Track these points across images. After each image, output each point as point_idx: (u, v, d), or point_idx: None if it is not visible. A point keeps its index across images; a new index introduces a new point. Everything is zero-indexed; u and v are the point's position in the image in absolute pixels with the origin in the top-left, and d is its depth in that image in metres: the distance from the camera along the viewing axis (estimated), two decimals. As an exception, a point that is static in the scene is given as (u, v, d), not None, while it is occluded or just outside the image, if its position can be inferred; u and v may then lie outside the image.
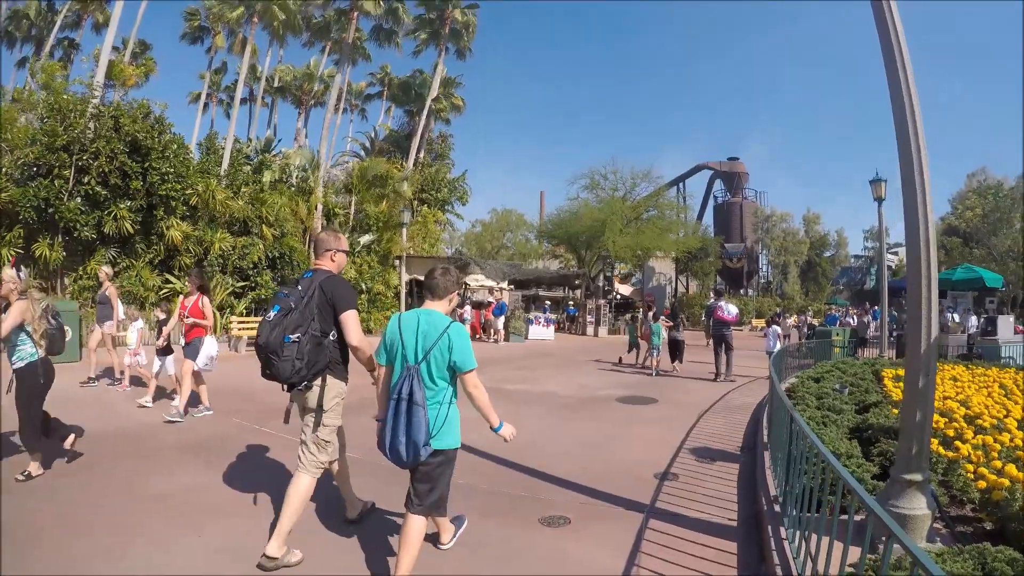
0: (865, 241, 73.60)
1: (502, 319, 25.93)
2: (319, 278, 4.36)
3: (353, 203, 29.02)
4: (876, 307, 27.71)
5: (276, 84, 43.60)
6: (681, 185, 57.72)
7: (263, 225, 22.28)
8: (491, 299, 28.48)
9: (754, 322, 44.39)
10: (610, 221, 34.71)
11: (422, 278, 4.59)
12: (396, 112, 44.61)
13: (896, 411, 8.13)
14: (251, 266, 21.34)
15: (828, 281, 61.47)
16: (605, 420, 9.87)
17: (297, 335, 4.11)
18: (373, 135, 42.60)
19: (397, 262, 28.02)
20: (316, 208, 25.91)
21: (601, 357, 20.33)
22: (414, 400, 3.64)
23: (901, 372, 11.65)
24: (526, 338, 26.98)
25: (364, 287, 25.29)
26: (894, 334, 19.33)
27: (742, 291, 55.60)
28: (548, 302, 37.09)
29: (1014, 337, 18.40)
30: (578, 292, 39.27)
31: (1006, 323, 18.71)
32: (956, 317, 18.36)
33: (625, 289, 51.06)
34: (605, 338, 31.99)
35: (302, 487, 4.32)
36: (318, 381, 4.32)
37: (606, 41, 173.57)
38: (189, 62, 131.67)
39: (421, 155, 38.70)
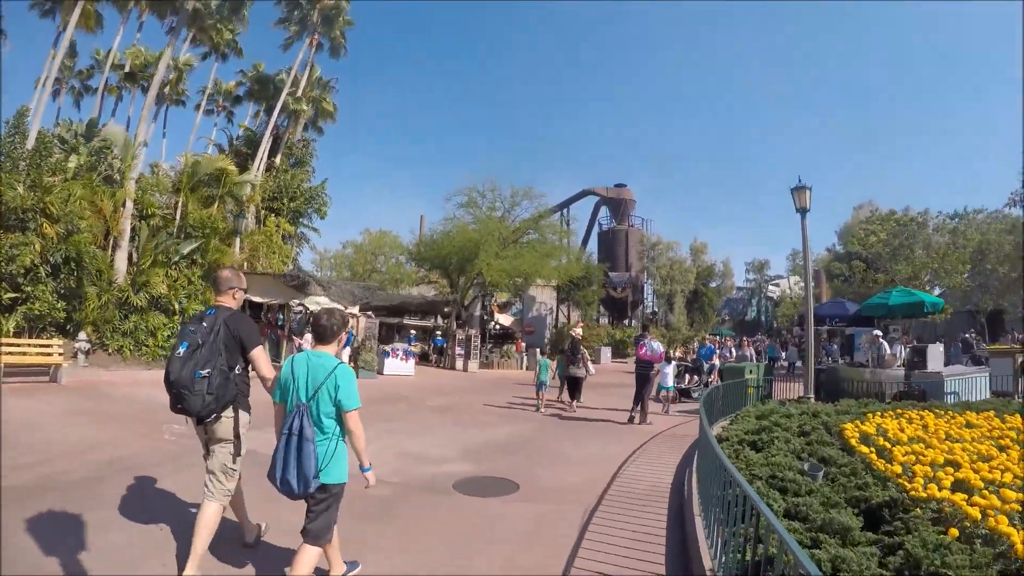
0: (747, 273, 75.71)
1: (347, 351, 22.08)
2: (223, 315, 4.79)
3: (180, 204, 24.52)
4: (760, 337, 26.01)
5: (127, 70, 38.75)
6: (565, 211, 56.02)
7: (44, 220, 17.73)
8: None
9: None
10: (485, 243, 32.09)
11: (261, 300, 3.43)
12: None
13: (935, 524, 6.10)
14: (21, 272, 16.80)
15: (714, 311, 61.17)
16: (420, 544, 5.94)
17: (207, 370, 4.53)
18: (232, 136, 38.47)
19: None
20: (124, 205, 21.40)
21: (464, 399, 17.51)
22: (304, 436, 4.07)
23: (868, 428, 9.43)
24: (379, 373, 23.62)
25: (176, 306, 21.11)
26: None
27: (626, 321, 54.23)
28: (413, 331, 33.68)
29: (958, 369, 16.53)
30: (451, 321, 35.96)
31: (936, 353, 16.83)
32: (901, 348, 16.26)
33: (505, 319, 48.61)
34: (475, 374, 28.83)
35: (210, 514, 4.68)
36: (228, 412, 4.78)
37: (499, 67, 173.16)
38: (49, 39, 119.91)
39: (277, 159, 34.86)
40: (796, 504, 6.10)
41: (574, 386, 16.47)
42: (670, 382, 16.84)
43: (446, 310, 36.43)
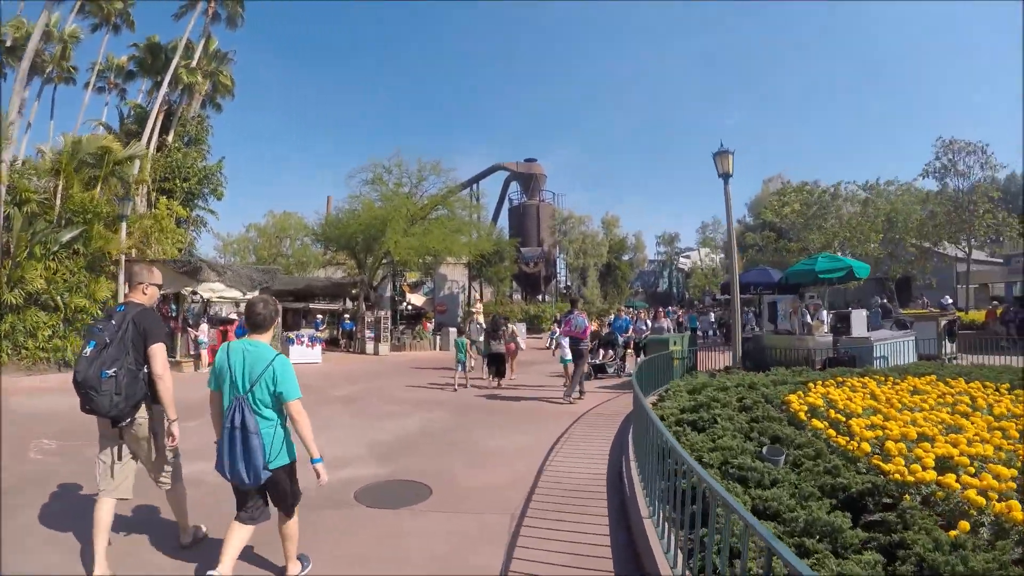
0: (658, 246, 76.55)
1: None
2: (132, 312, 4.66)
3: (60, 188, 21.78)
4: (673, 308, 25.53)
5: (8, 44, 34.60)
6: (475, 186, 54.56)
7: None
8: (234, 315, 22.78)
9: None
10: (392, 220, 30.28)
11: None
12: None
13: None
14: None
15: (627, 284, 61.18)
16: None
17: (114, 370, 4.40)
18: (123, 115, 35.14)
19: (116, 268, 21.41)
20: (-14, 189, 18.71)
21: (374, 386, 16.23)
22: (247, 428, 4.07)
23: (814, 399, 8.69)
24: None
25: (58, 301, 18.81)
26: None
27: (539, 296, 53.44)
28: (320, 316, 31.70)
29: (885, 334, 16.05)
30: (360, 303, 34.13)
31: (860, 318, 16.36)
32: (824, 315, 15.58)
33: (417, 299, 47.13)
34: (387, 357, 27.15)
35: (104, 513, 4.62)
36: (142, 413, 4.65)
37: (411, 44, 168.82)
38: None
39: (170, 137, 32.16)
40: (764, 499, 5.04)
41: (497, 363, 16.30)
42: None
43: (354, 292, 34.48)
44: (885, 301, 23.21)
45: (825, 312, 15.88)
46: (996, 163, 29.37)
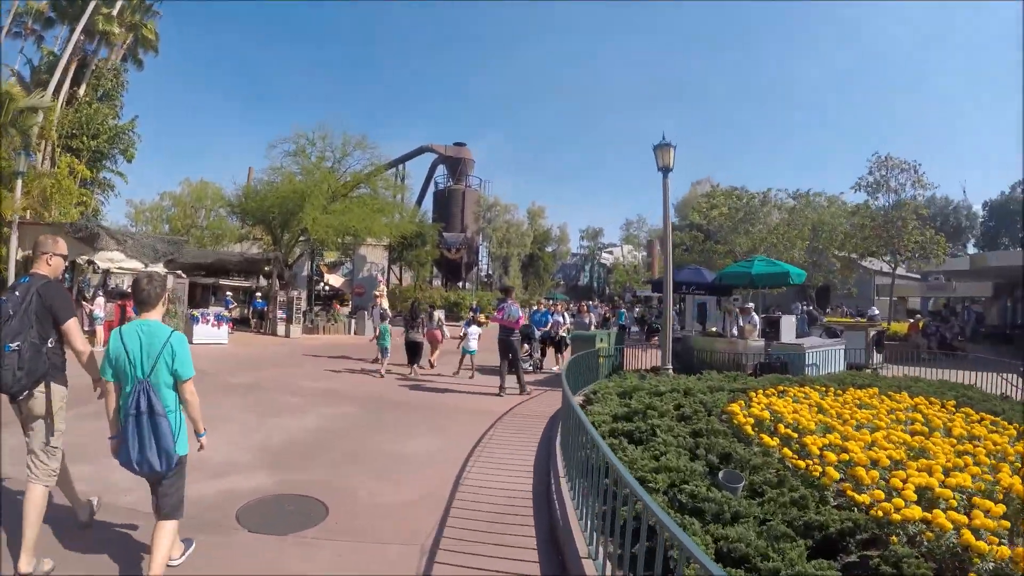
0: (581, 240, 76.64)
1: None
2: (36, 283, 4.43)
3: None
4: (595, 303, 24.86)
5: None
6: (401, 167, 52.94)
7: None
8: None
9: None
10: (312, 195, 28.64)
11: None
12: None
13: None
14: None
15: (549, 276, 60.69)
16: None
17: (17, 343, 4.22)
18: (36, 64, 32.18)
19: (8, 230, 19.32)
20: None
21: (278, 373, 14.89)
22: (155, 411, 3.91)
23: (759, 410, 8.09)
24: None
25: None
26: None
27: (460, 283, 52.37)
28: (230, 293, 29.81)
29: (816, 341, 15.60)
30: (274, 281, 32.28)
31: (789, 324, 15.93)
32: (756, 319, 14.99)
33: (336, 280, 45.54)
34: (298, 340, 25.42)
35: (37, 498, 4.33)
36: (40, 388, 4.41)
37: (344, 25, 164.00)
38: None
39: (82, 90, 29.63)
40: (727, 539, 4.15)
41: (414, 352, 15.71)
42: (474, 346, 15.92)
43: (267, 269, 32.60)
44: (811, 308, 23.09)
45: (756, 316, 15.31)
46: (927, 182, 29.86)
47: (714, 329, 17.39)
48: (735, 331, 15.49)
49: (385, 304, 17.82)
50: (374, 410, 10.70)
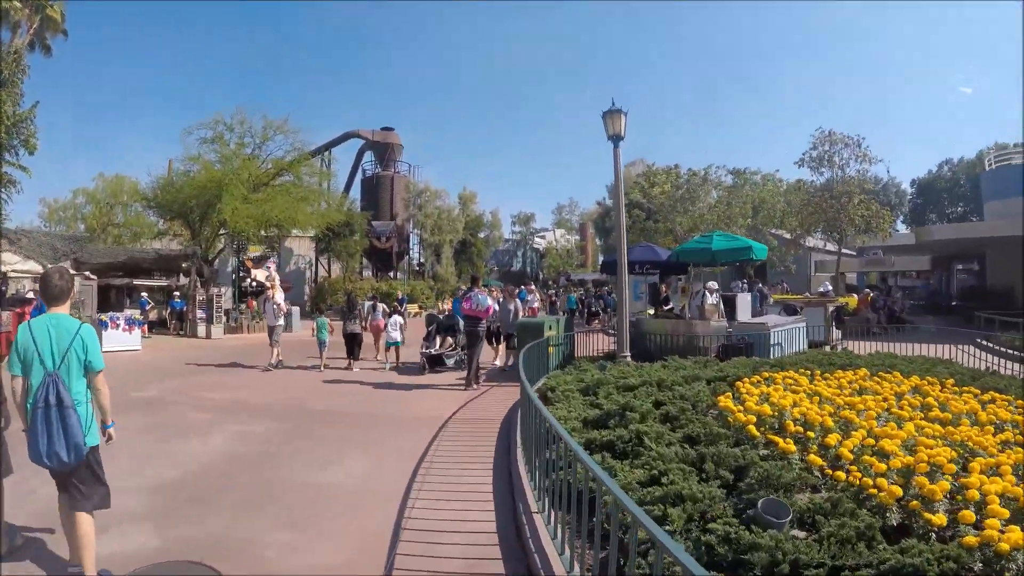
0: (513, 225, 75.47)
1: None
2: None
3: None
4: (523, 287, 23.70)
5: None
6: (327, 154, 50.55)
7: None
8: (31, 294, 18.25)
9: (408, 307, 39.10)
10: (230, 184, 26.53)
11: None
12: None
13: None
14: None
15: (483, 262, 59.20)
16: None
17: None
18: None
19: None
20: None
21: (187, 384, 12.96)
22: (63, 404, 3.84)
23: (755, 403, 7.01)
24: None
25: None
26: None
27: (391, 273, 50.46)
28: (145, 293, 27.31)
29: (778, 320, 14.57)
30: (192, 279, 29.91)
31: (745, 303, 14.92)
32: (711, 298, 13.77)
33: (263, 275, 43.17)
34: (220, 341, 23.22)
35: None
36: None
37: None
38: None
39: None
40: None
41: (352, 344, 15.47)
42: (397, 336, 15.35)
43: (184, 266, 30.23)
44: (761, 285, 22.22)
45: (718, 295, 14.14)
46: (872, 156, 29.24)
47: (669, 308, 16.20)
48: (689, 311, 14.44)
49: (280, 297, 16.00)
50: (294, 424, 9.05)
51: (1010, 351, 14.34)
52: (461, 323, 14.79)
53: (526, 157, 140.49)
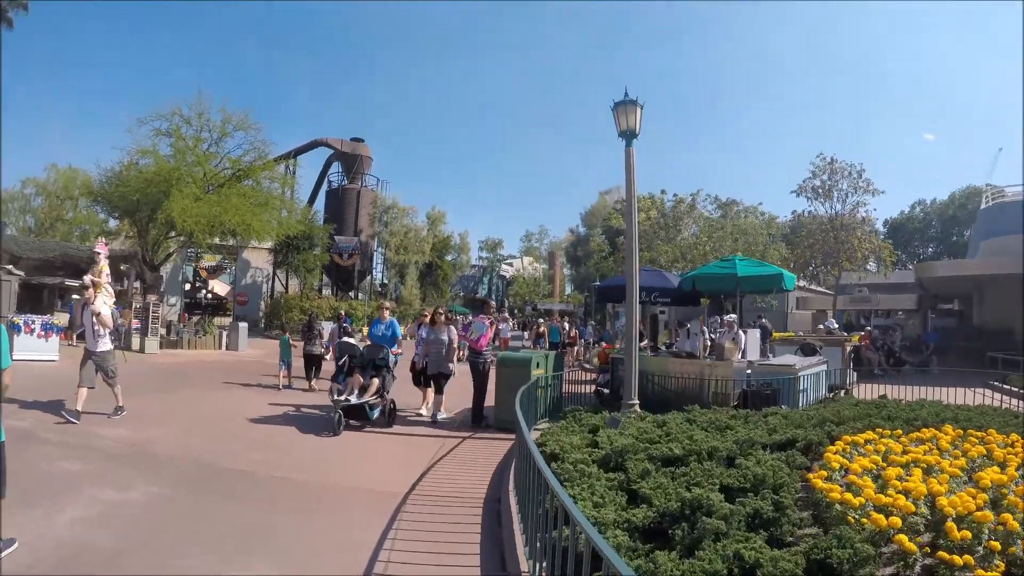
0: (480, 251, 73.51)
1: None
2: None
3: None
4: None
5: None
6: (293, 161, 47.67)
7: None
8: None
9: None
10: (180, 180, 24.09)
11: None
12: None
13: None
14: None
15: (448, 286, 56.65)
16: None
17: None
18: None
19: None
20: None
21: (93, 409, 9.74)
22: None
23: (871, 490, 4.96)
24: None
25: None
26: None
27: (352, 293, 47.62)
28: (76, 296, 24.23)
29: (805, 362, 12.29)
30: (129, 284, 26.98)
31: (754, 340, 12.79)
32: (742, 335, 11.57)
33: (221, 287, 41.14)
34: (154, 358, 19.79)
35: None
36: None
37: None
38: None
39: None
40: None
41: (311, 365, 14.99)
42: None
43: (123, 268, 27.28)
44: (764, 321, 20.00)
45: (742, 331, 11.86)
46: (873, 187, 27.87)
47: (672, 347, 13.89)
48: (689, 348, 12.29)
49: (102, 307, 10.00)
50: (193, 494, 6.24)
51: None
52: (391, 358, 11.29)
53: (496, 183, 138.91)
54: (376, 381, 10.71)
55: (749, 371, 11.16)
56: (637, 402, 9.65)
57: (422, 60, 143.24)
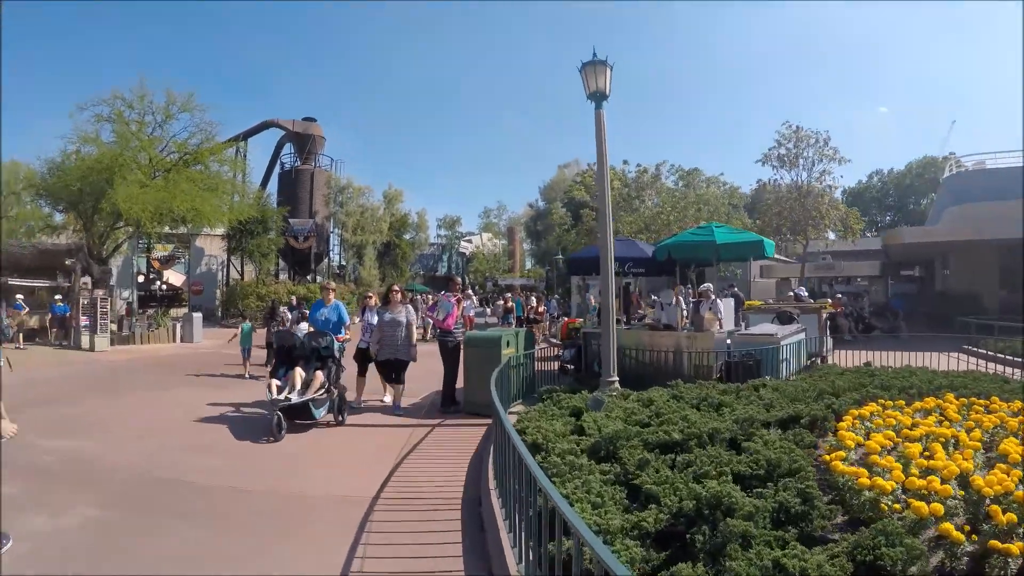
0: (439, 229, 72.79)
1: None
2: None
3: None
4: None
5: None
6: (242, 143, 46.05)
7: None
8: None
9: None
10: (123, 166, 22.96)
11: None
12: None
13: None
14: None
15: (407, 265, 55.69)
16: None
17: None
18: None
19: None
20: None
21: (31, 421, 8.90)
22: None
23: (897, 469, 4.63)
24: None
25: None
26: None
27: (309, 276, 46.40)
28: (20, 296, 22.95)
29: (786, 331, 11.88)
30: (75, 279, 25.64)
31: (729, 308, 12.53)
32: (720, 305, 11.12)
33: (176, 278, 39.97)
34: (104, 355, 18.84)
35: None
36: None
37: None
38: None
39: None
40: None
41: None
42: None
43: (68, 263, 25.95)
44: (736, 290, 19.60)
45: (720, 301, 11.38)
46: (840, 156, 27.45)
47: (648, 320, 13.31)
48: (664, 319, 11.84)
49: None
50: (136, 514, 5.38)
51: (1011, 357, 13.44)
52: (335, 346, 9.96)
53: (453, 160, 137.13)
54: (320, 374, 9.41)
55: (729, 342, 10.79)
56: (616, 379, 9.10)
57: (375, 38, 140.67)
